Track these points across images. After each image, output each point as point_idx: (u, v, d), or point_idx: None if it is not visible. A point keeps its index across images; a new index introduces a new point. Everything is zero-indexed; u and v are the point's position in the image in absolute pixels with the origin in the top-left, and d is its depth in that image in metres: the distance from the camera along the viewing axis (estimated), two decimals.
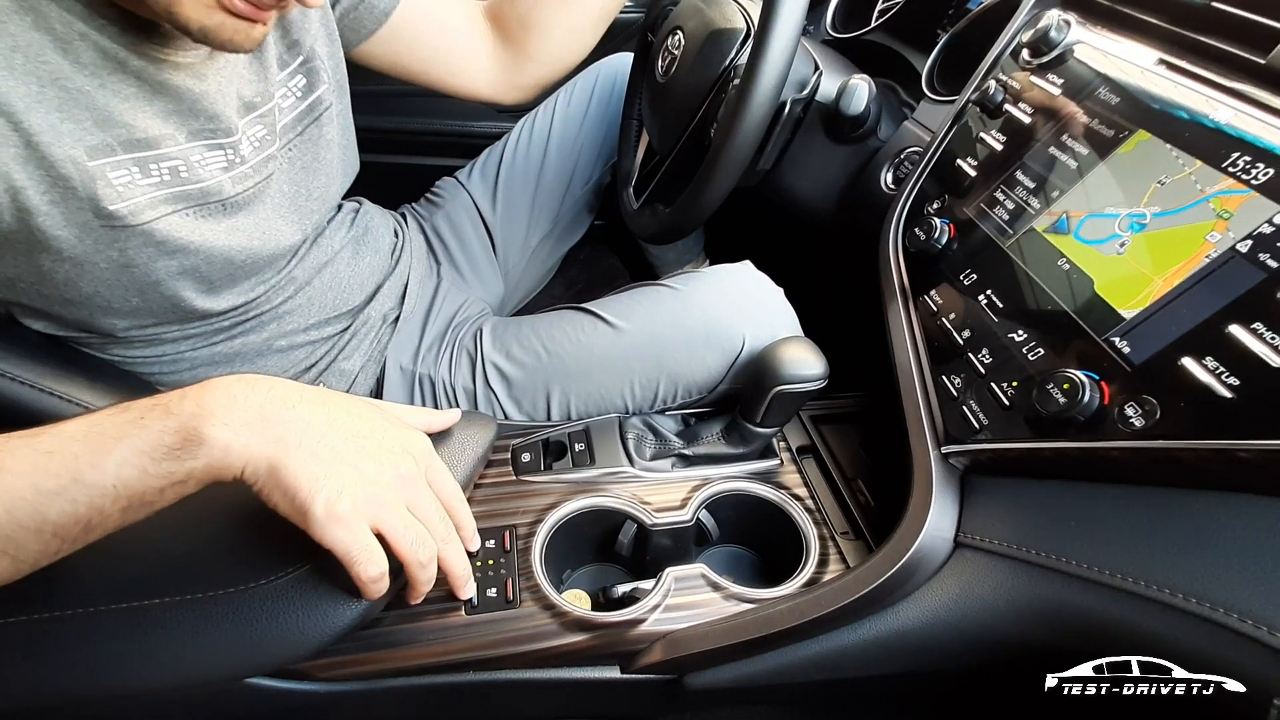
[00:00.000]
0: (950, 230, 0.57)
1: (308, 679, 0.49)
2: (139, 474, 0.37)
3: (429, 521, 0.45)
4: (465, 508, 0.49)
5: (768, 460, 0.66)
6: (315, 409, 0.42)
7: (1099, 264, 0.46)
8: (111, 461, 0.37)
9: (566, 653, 0.52)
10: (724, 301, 0.68)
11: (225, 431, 0.38)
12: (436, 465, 0.47)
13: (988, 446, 0.48)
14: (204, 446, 0.38)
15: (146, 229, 0.50)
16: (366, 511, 0.41)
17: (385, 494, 0.42)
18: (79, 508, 0.37)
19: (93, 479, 0.37)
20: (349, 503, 0.40)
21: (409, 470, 0.44)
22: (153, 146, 0.50)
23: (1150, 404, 0.40)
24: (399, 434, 0.46)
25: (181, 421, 0.38)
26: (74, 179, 0.46)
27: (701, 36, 0.73)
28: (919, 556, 0.48)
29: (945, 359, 0.54)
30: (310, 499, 0.39)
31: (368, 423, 0.44)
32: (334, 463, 0.40)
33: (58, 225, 0.47)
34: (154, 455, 0.37)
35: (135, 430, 0.38)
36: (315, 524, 0.39)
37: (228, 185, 0.55)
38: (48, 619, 0.41)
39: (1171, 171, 0.44)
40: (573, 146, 0.95)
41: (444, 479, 0.48)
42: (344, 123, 0.69)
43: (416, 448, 0.46)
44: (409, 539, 0.43)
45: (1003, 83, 0.58)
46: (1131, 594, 0.40)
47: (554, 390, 0.70)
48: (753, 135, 0.60)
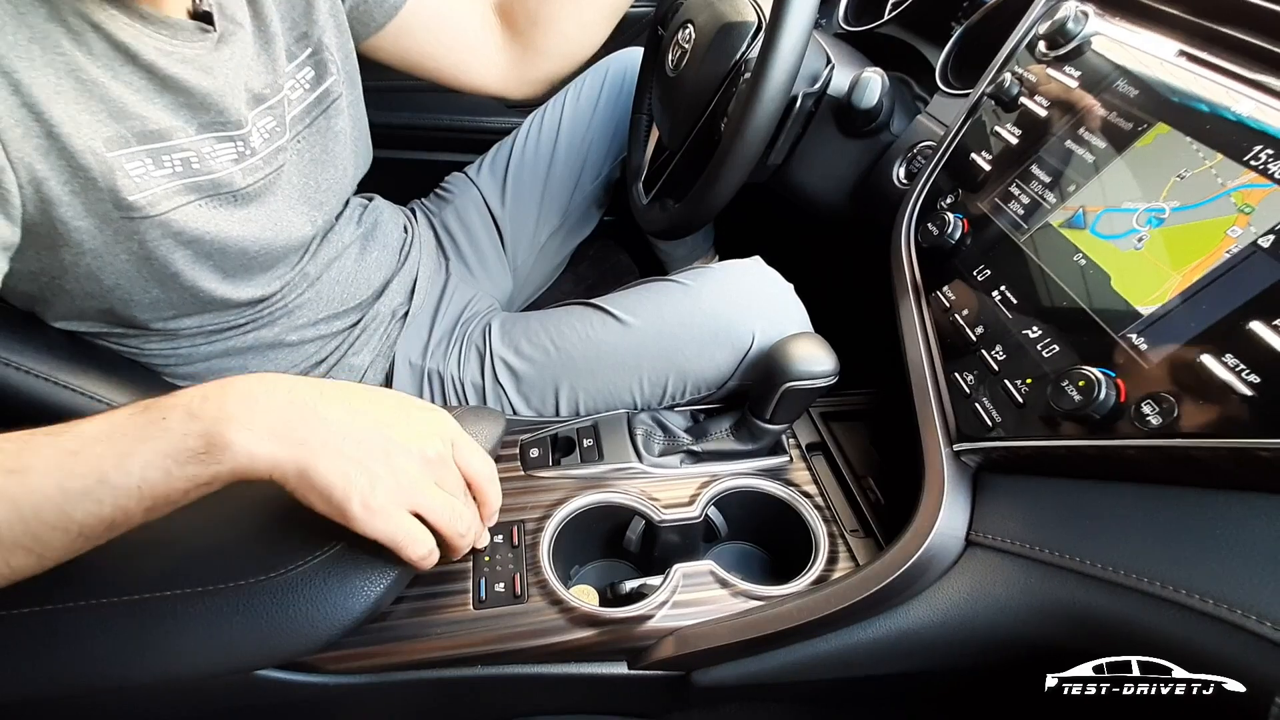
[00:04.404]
0: (964, 225, 0.57)
1: (317, 671, 0.49)
2: (164, 476, 0.37)
3: (458, 495, 0.46)
4: (492, 486, 0.49)
5: (777, 457, 0.66)
6: (337, 407, 0.42)
7: (1116, 259, 0.45)
8: (136, 463, 0.37)
9: (574, 648, 0.52)
10: (734, 298, 0.68)
11: (249, 437, 0.38)
12: (463, 443, 0.47)
13: (1001, 444, 0.48)
14: (228, 452, 0.38)
15: (163, 219, 0.51)
16: (401, 499, 0.42)
17: (419, 479, 0.43)
18: (104, 508, 0.37)
19: (117, 480, 0.37)
20: (384, 495, 0.41)
21: (436, 451, 0.44)
22: (164, 138, 0.50)
23: (1168, 402, 0.39)
24: (424, 416, 0.46)
25: (205, 426, 0.38)
26: (94, 170, 0.46)
27: (712, 30, 0.72)
28: (930, 555, 0.48)
29: (958, 355, 0.53)
30: (346, 498, 0.40)
31: (390, 411, 0.44)
32: (363, 458, 0.41)
33: (79, 216, 0.48)
34: (178, 459, 0.37)
35: (159, 433, 0.37)
36: (356, 520, 0.40)
37: (239, 177, 0.55)
38: (59, 610, 0.41)
39: (1192, 165, 0.44)
40: (582, 142, 0.95)
41: (473, 457, 0.47)
42: (355, 114, 0.69)
43: (441, 427, 0.46)
44: (447, 516, 0.44)
45: (1018, 75, 0.58)
46: (1149, 595, 0.39)
47: (563, 386, 0.70)
48: (764, 130, 0.60)
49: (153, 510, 0.39)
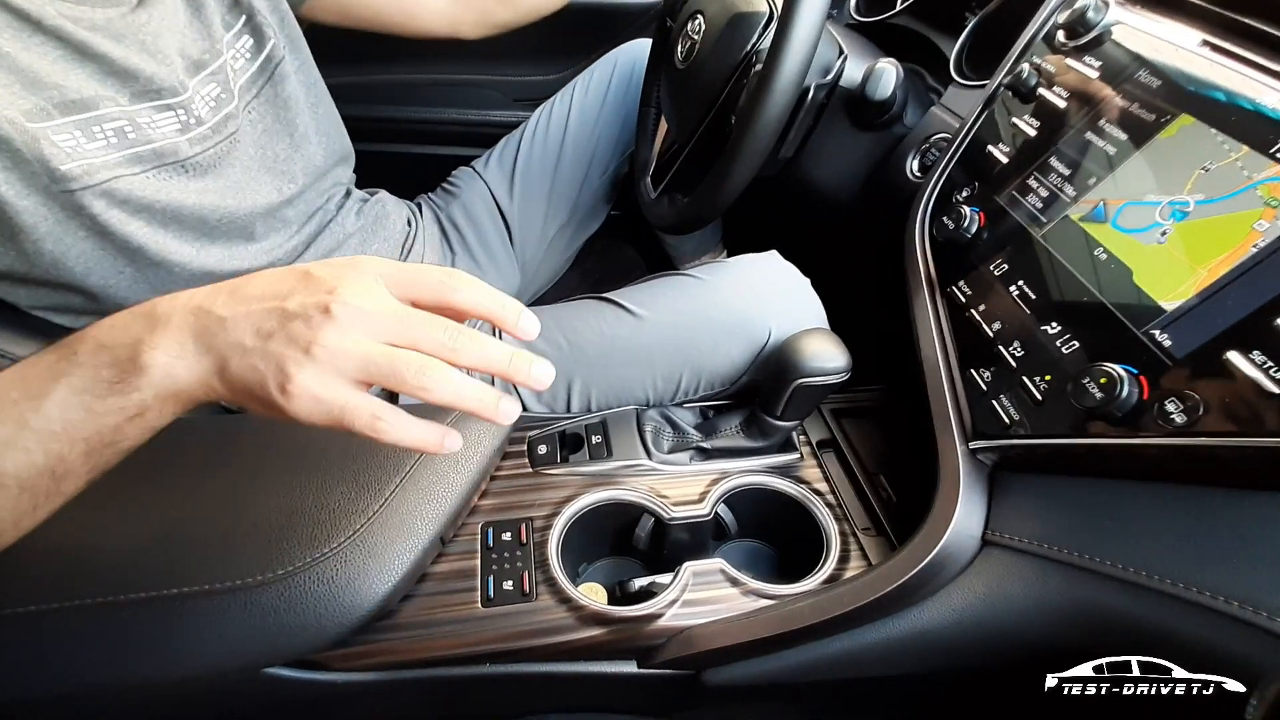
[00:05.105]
0: (980, 219, 0.56)
1: (325, 669, 0.49)
2: (84, 413, 0.35)
3: (414, 340, 0.36)
4: (470, 289, 0.38)
5: (787, 454, 0.65)
6: (234, 303, 0.36)
7: (1138, 254, 0.44)
8: (53, 405, 0.34)
9: (583, 647, 0.52)
10: (750, 292, 0.67)
11: (161, 356, 0.35)
12: (396, 273, 0.38)
13: (1019, 442, 0.47)
14: (144, 376, 0.35)
15: (106, 188, 0.50)
16: (327, 372, 0.34)
17: (338, 342, 0.34)
18: (35, 456, 0.35)
19: (38, 424, 0.34)
20: (299, 375, 0.34)
21: (356, 301, 0.35)
22: (89, 108, 0.49)
23: (1192, 399, 0.38)
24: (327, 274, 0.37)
25: (115, 354, 0.35)
26: (15, 140, 0.45)
27: (722, 21, 0.71)
28: (945, 554, 0.47)
29: (974, 352, 0.52)
30: (265, 392, 0.34)
31: (283, 281, 0.37)
32: (268, 344, 0.35)
33: (19, 195, 0.47)
34: (95, 392, 0.35)
35: (69, 368, 0.35)
36: (285, 411, 0.35)
37: (184, 146, 0.54)
38: (66, 609, 0.41)
39: (1216, 157, 0.43)
40: (590, 136, 0.94)
41: (418, 279, 0.38)
42: (306, 79, 0.68)
43: (354, 273, 0.37)
44: (392, 372, 0.35)
45: (1037, 66, 0.56)
46: (1171, 596, 0.39)
47: (575, 381, 0.69)
48: (775, 122, 0.59)
49: (92, 453, 0.36)
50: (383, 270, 0.37)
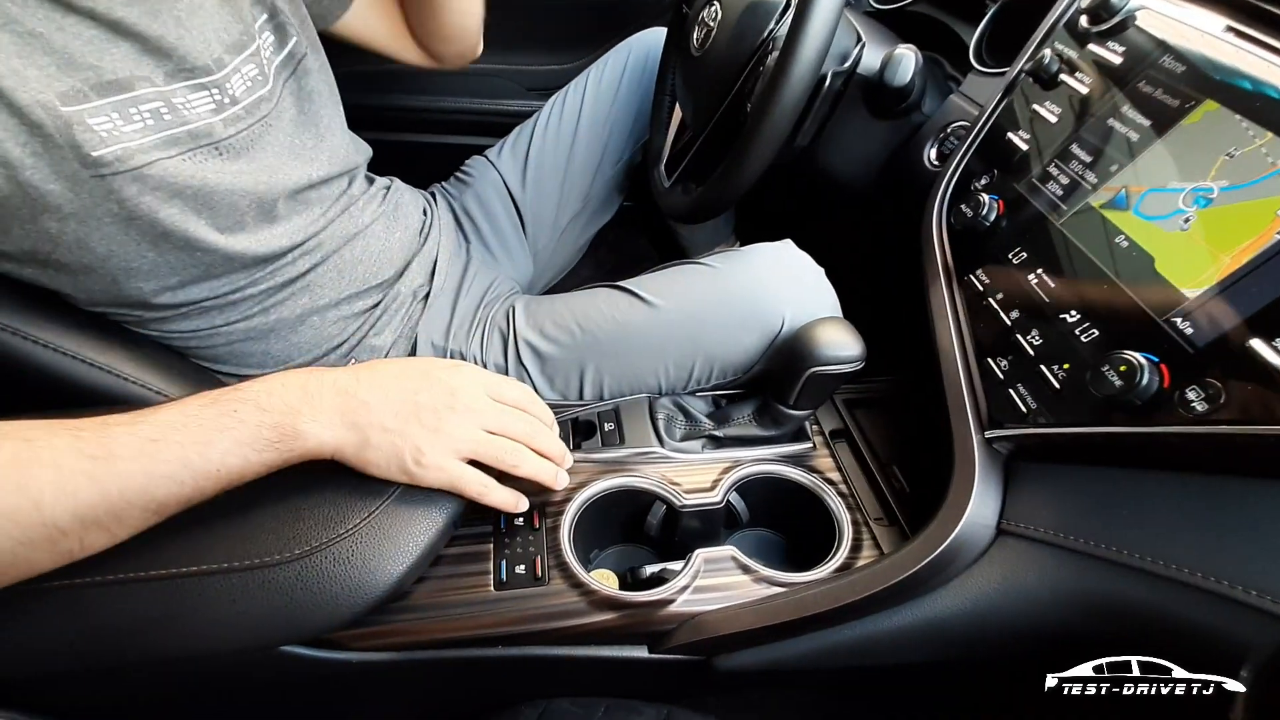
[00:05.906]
0: (999, 207, 0.55)
1: (340, 648, 0.49)
2: (242, 462, 0.43)
3: (506, 429, 0.51)
4: (535, 403, 0.55)
5: (800, 443, 0.65)
6: (373, 390, 0.48)
7: (1160, 241, 0.44)
8: (216, 451, 0.42)
9: (594, 631, 0.52)
10: (764, 281, 0.67)
11: (315, 426, 0.45)
12: (491, 382, 0.53)
13: (1036, 431, 0.47)
14: (299, 440, 0.45)
15: (139, 174, 0.49)
16: (444, 449, 0.48)
17: (457, 430, 0.49)
18: (185, 489, 0.42)
19: (200, 465, 0.42)
20: (430, 452, 0.48)
21: (467, 400, 0.50)
22: (126, 89, 0.49)
23: (1214, 387, 0.38)
24: (446, 376, 0.51)
25: (276, 418, 0.44)
26: (48, 125, 0.45)
27: (739, 7, 0.71)
28: (959, 543, 0.47)
29: (991, 340, 0.52)
30: (401, 464, 0.47)
31: (416, 380, 0.50)
32: (401, 427, 0.47)
33: (47, 179, 0.46)
34: (255, 447, 0.43)
35: (233, 424, 0.43)
36: (416, 480, 0.48)
37: (219, 127, 0.54)
38: (88, 584, 0.42)
39: (1241, 144, 0.42)
40: (604, 125, 0.94)
41: (505, 389, 0.53)
42: (327, 80, 0.68)
43: (465, 379, 0.51)
44: (495, 453, 0.50)
45: (1058, 52, 0.56)
46: (1189, 585, 0.38)
47: (588, 368, 0.70)
48: (791, 110, 0.59)
49: (225, 489, 0.44)
50: (481, 379, 0.52)
